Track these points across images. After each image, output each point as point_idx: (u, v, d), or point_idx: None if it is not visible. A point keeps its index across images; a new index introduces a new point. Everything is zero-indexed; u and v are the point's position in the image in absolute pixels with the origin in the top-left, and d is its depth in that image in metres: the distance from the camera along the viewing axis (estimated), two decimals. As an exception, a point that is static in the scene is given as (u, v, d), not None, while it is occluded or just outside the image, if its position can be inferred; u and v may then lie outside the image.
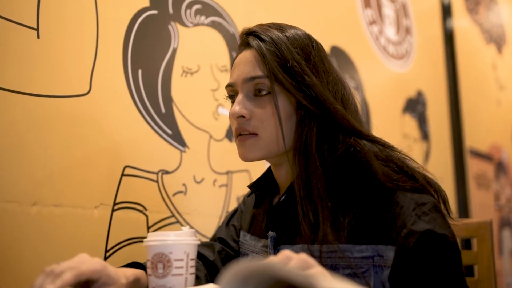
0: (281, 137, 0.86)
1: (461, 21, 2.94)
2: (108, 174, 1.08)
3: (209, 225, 1.27)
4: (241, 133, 0.88)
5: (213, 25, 1.37)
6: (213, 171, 1.32)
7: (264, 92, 0.86)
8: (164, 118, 1.21)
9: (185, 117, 1.26)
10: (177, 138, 1.23)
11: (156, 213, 1.16)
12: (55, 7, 1.02)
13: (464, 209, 2.58)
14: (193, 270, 0.79)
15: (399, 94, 2.24)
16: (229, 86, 0.91)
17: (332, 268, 0.80)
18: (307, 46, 0.88)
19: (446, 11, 2.80)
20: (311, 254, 0.80)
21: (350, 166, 0.84)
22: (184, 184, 1.24)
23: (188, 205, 1.24)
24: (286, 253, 0.62)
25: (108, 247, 1.05)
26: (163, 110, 1.21)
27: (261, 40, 0.87)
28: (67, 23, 1.03)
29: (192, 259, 0.79)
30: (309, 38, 0.91)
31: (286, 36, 0.88)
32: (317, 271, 0.61)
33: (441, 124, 2.60)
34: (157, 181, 1.17)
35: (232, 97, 0.92)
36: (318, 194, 0.82)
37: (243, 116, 0.86)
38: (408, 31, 2.40)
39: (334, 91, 0.88)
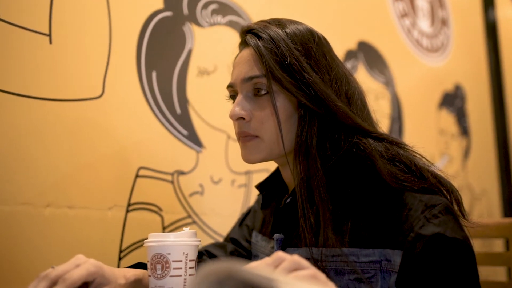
0: (283, 138, 0.84)
1: (505, 11, 2.80)
2: (122, 176, 1.09)
3: (228, 226, 1.26)
4: (242, 136, 0.86)
5: (231, 24, 1.37)
6: (231, 171, 1.31)
7: (263, 92, 0.84)
8: (179, 119, 1.21)
9: (202, 117, 1.26)
10: (193, 139, 1.23)
11: (171, 214, 1.16)
12: (68, 13, 1.04)
13: (509, 208, 2.45)
14: (192, 271, 0.78)
15: (434, 89, 2.16)
16: (229, 86, 0.89)
17: (337, 272, 0.77)
18: (308, 41, 0.85)
19: (488, 1, 2.67)
20: (315, 257, 0.78)
21: (354, 167, 0.81)
22: (200, 185, 1.24)
23: (205, 205, 1.24)
24: (279, 255, 0.60)
25: (123, 248, 1.07)
26: (178, 111, 1.21)
27: (259, 38, 0.84)
28: (79, 28, 1.05)
29: (191, 260, 0.78)
30: (311, 32, 0.87)
31: (285, 32, 0.84)
32: (307, 273, 0.59)
33: (483, 119, 2.48)
34: (172, 182, 1.18)
35: (233, 97, 0.90)
36: (319, 197, 0.79)
37: (243, 118, 0.84)
38: (444, 22, 2.30)
39: (338, 87, 0.84)
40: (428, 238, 0.71)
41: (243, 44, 0.90)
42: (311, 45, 0.85)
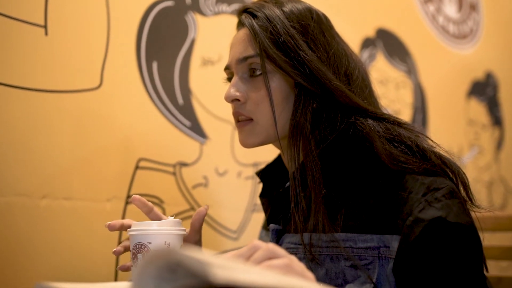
0: (278, 120, 0.81)
1: (542, -6, 2.64)
2: (121, 167, 1.07)
3: (234, 218, 1.24)
4: (239, 118, 0.84)
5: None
6: (237, 163, 1.28)
7: (258, 72, 0.81)
8: (182, 110, 1.19)
9: (206, 107, 1.23)
10: (197, 130, 1.21)
11: (173, 206, 1.14)
12: (64, 3, 1.03)
13: (549, 202, 2.31)
14: (175, 261, 0.75)
15: (462, 77, 2.06)
16: (226, 69, 0.88)
17: (333, 259, 0.74)
18: (306, 19, 0.82)
19: (523, -16, 2.53)
20: (311, 243, 0.74)
21: (351, 148, 0.77)
22: (204, 177, 1.21)
23: (209, 197, 1.21)
24: (254, 243, 0.58)
25: (122, 240, 1.05)
26: (180, 101, 1.19)
27: (254, 16, 0.82)
28: (76, 19, 1.05)
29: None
30: (309, 10, 0.84)
31: (282, 10, 0.82)
32: (281, 263, 0.56)
33: (518, 108, 2.35)
34: (174, 174, 1.16)
35: (230, 80, 0.88)
36: (312, 179, 0.75)
37: (238, 100, 0.82)
38: (473, 7, 2.19)
39: (336, 66, 0.80)
40: (428, 222, 0.67)
41: (239, 24, 0.88)
42: (309, 22, 0.82)
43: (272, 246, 0.57)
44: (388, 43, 1.75)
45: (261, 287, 0.40)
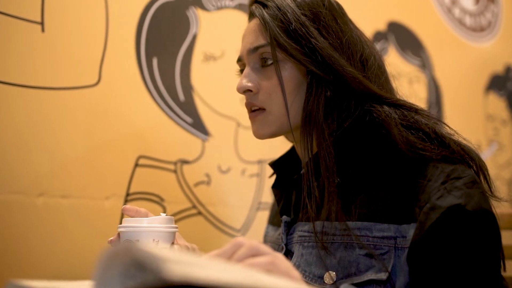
0: (290, 109, 0.79)
1: None
2: (121, 165, 1.06)
3: (238, 217, 1.21)
4: (252, 108, 0.83)
5: (240, 7, 1.31)
6: (241, 160, 1.25)
7: (269, 62, 0.80)
8: (183, 106, 1.17)
9: (208, 104, 1.21)
10: (199, 126, 1.19)
11: (174, 204, 1.12)
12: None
13: None
14: (165, 259, 0.73)
15: (480, 71, 1.99)
16: (238, 60, 0.86)
17: (347, 247, 0.72)
18: (317, 6, 0.80)
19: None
20: (324, 231, 0.73)
21: (367, 136, 0.76)
22: (207, 174, 1.18)
23: (212, 195, 1.19)
24: (237, 240, 0.56)
25: (121, 239, 1.03)
26: (181, 98, 1.17)
27: (265, 6, 0.81)
28: (73, 15, 1.03)
29: (163, 248, 0.73)
30: None
31: None
32: (265, 260, 0.54)
33: (541, 103, 2.26)
34: (175, 171, 1.13)
35: (243, 71, 0.86)
36: (325, 168, 0.74)
37: (250, 90, 0.81)
38: (491, -1, 2.12)
39: (350, 52, 0.78)
40: (445, 209, 0.64)
41: (250, 15, 0.87)
42: (320, 9, 0.80)
43: (255, 244, 0.55)
44: (400, 36, 1.70)
45: (222, 284, 0.37)
